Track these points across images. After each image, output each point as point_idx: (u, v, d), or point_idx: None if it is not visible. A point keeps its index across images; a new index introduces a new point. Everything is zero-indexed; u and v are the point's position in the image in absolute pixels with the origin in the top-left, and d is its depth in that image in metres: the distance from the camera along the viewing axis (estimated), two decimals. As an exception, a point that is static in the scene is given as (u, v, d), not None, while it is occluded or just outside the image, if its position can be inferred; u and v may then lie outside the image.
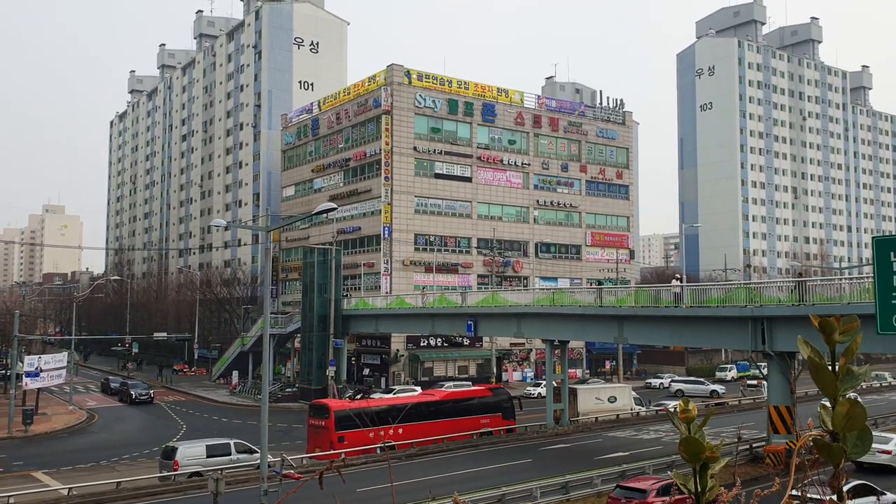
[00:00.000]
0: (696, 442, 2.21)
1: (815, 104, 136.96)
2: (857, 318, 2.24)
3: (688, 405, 2.30)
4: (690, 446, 2.21)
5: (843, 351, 2.12)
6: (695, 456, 2.20)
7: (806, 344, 2.18)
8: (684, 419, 2.27)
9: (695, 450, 2.20)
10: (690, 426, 2.26)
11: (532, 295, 51.64)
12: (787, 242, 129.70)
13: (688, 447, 2.22)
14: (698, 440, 2.21)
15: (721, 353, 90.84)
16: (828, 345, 2.13)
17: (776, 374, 35.30)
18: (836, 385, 2.07)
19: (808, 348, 2.14)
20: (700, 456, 2.20)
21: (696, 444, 2.20)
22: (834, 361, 2.10)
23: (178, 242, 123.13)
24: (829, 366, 2.11)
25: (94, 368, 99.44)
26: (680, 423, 2.29)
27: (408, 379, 71.97)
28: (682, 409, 2.30)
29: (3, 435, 49.34)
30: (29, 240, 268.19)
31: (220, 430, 49.68)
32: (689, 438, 2.22)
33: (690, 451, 2.21)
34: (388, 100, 76.99)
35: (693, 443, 2.21)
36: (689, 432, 2.25)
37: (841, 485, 2.16)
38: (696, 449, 2.20)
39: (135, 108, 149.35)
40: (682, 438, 2.25)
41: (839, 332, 2.11)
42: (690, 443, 2.21)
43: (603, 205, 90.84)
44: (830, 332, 2.11)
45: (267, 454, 23.37)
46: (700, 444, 2.21)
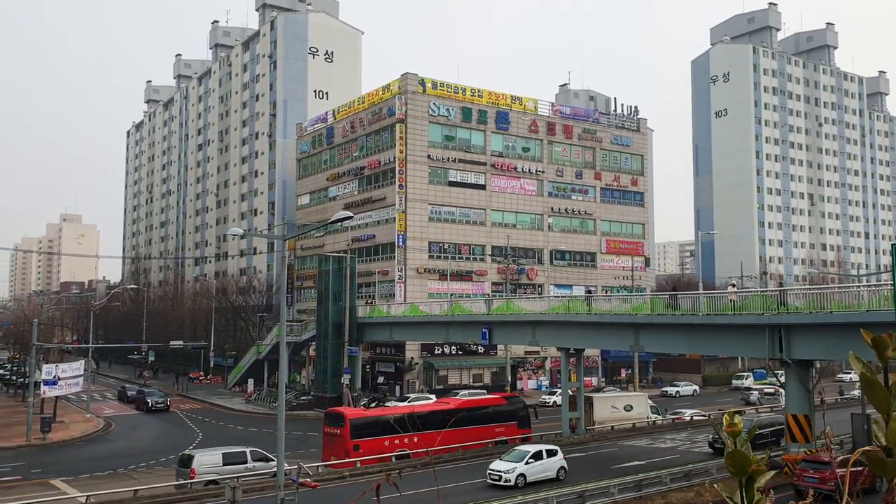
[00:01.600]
0: (742, 455, 2.22)
1: (831, 110, 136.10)
2: None
3: (734, 418, 2.31)
4: (737, 459, 2.22)
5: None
6: (741, 469, 2.21)
7: (858, 360, 2.17)
8: (731, 433, 2.28)
9: (742, 463, 2.21)
10: (737, 439, 2.26)
11: (547, 303, 51.50)
12: (804, 249, 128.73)
13: (735, 460, 2.23)
14: (745, 453, 2.22)
15: (738, 361, 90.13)
16: (880, 361, 2.12)
17: (794, 383, 34.98)
18: (890, 401, 2.06)
19: (861, 364, 2.13)
20: (746, 469, 2.21)
21: (743, 458, 2.21)
22: (887, 377, 2.09)
23: (194, 251, 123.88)
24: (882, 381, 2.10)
25: (110, 376, 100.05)
26: (727, 436, 2.29)
27: (422, 387, 71.93)
28: (728, 423, 2.30)
29: (22, 443, 49.71)
30: (47, 249, 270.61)
31: (236, 438, 49.82)
32: (735, 452, 2.24)
33: (737, 465, 2.22)
34: (403, 108, 77.22)
35: (740, 456, 2.22)
36: (736, 445, 2.26)
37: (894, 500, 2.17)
38: (743, 462, 2.21)
39: (151, 117, 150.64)
40: (728, 451, 2.26)
41: (893, 347, 2.10)
42: (737, 456, 2.22)
43: (618, 212, 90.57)
44: (884, 349, 2.09)
45: (283, 462, 23.41)
46: (747, 457, 2.21)
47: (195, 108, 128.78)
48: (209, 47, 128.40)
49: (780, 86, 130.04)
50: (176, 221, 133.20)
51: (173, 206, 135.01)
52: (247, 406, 69.64)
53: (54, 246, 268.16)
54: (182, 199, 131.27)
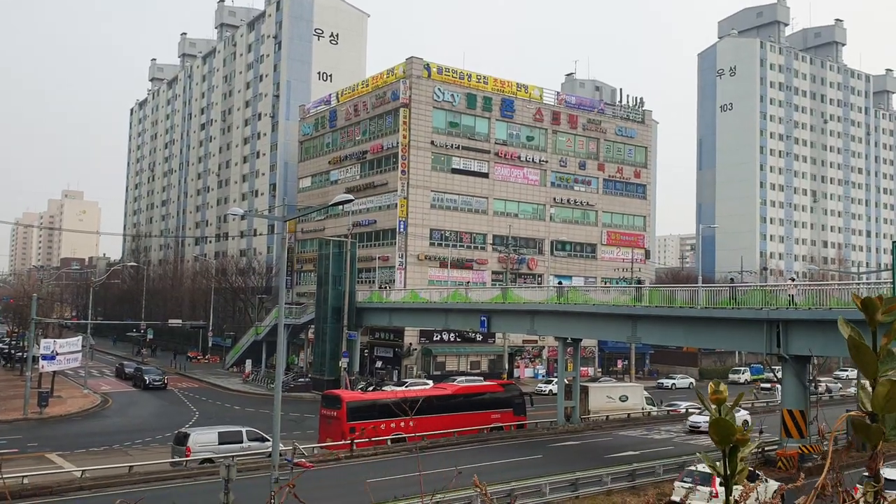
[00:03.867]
0: (726, 423, 2.20)
1: (836, 107, 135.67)
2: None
3: (719, 386, 2.28)
4: (721, 428, 2.20)
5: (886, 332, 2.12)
6: (725, 438, 2.20)
7: (846, 324, 2.15)
8: (715, 401, 2.25)
9: (725, 432, 2.20)
10: (721, 408, 2.24)
11: (546, 292, 51.55)
12: (805, 246, 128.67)
13: (718, 429, 2.21)
14: (729, 421, 2.21)
15: (735, 356, 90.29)
16: (870, 325, 2.11)
17: (790, 378, 35.05)
18: (877, 365, 2.06)
19: (849, 328, 2.11)
20: (730, 438, 2.20)
21: (727, 426, 2.20)
22: (875, 341, 2.08)
23: (195, 230, 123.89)
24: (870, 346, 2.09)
25: (109, 353, 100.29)
26: (710, 404, 2.26)
27: (420, 372, 72.12)
28: (713, 391, 2.26)
29: (19, 416, 49.89)
30: (48, 224, 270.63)
31: (233, 417, 50.00)
32: (719, 420, 2.21)
33: (721, 433, 2.21)
34: (407, 93, 76.92)
35: (724, 424, 2.20)
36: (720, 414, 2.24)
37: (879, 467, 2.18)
38: (727, 431, 2.20)
39: (155, 96, 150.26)
40: (712, 420, 2.23)
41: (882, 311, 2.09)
42: (721, 424, 2.20)
43: (620, 204, 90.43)
44: (873, 312, 2.09)
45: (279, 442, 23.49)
46: (731, 425, 2.20)
47: (199, 88, 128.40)
48: (214, 27, 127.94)
49: (787, 81, 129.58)
50: (177, 200, 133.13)
51: (175, 185, 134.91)
52: (244, 386, 69.85)
53: (55, 222, 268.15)
54: (184, 179, 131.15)
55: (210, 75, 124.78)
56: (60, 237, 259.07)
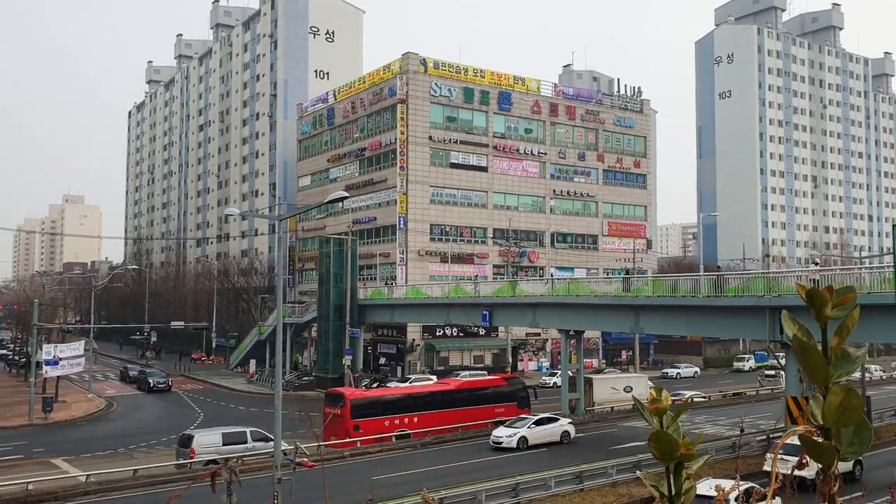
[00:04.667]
0: (667, 437, 1.86)
1: (835, 92, 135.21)
2: (854, 288, 1.86)
3: (660, 394, 1.97)
4: (662, 443, 1.86)
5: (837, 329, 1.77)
6: (667, 454, 1.86)
7: (792, 321, 1.81)
8: (655, 411, 1.93)
9: (667, 447, 1.86)
10: (663, 419, 1.93)
11: (544, 285, 51.45)
12: (807, 232, 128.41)
13: (659, 443, 1.87)
14: (671, 435, 1.87)
15: (739, 343, 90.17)
16: (818, 321, 1.77)
17: (794, 365, 34.93)
18: (828, 370, 1.74)
19: (795, 326, 1.78)
20: (674, 454, 1.87)
21: (669, 441, 1.86)
22: (826, 341, 1.75)
23: (196, 232, 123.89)
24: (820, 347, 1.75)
25: (112, 357, 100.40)
26: (650, 415, 1.94)
27: (423, 368, 72.06)
28: (652, 399, 1.96)
29: (24, 422, 49.92)
30: (49, 229, 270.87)
31: (237, 418, 50.00)
32: (659, 433, 1.88)
33: (662, 449, 1.87)
34: (404, 89, 76.74)
35: (664, 438, 1.86)
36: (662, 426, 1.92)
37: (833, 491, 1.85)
38: (669, 446, 1.86)
39: (152, 98, 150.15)
40: (652, 433, 1.90)
41: (832, 304, 1.75)
42: (662, 438, 1.87)
43: (620, 194, 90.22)
44: (821, 306, 1.76)
45: (281, 442, 23.45)
46: (673, 439, 1.86)
47: (196, 89, 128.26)
48: (210, 27, 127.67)
49: (785, 67, 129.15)
50: (177, 202, 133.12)
51: (175, 188, 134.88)
52: (249, 387, 69.86)
53: (57, 226, 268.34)
54: (183, 181, 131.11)
55: (207, 76, 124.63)
56: (62, 242, 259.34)
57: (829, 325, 1.84)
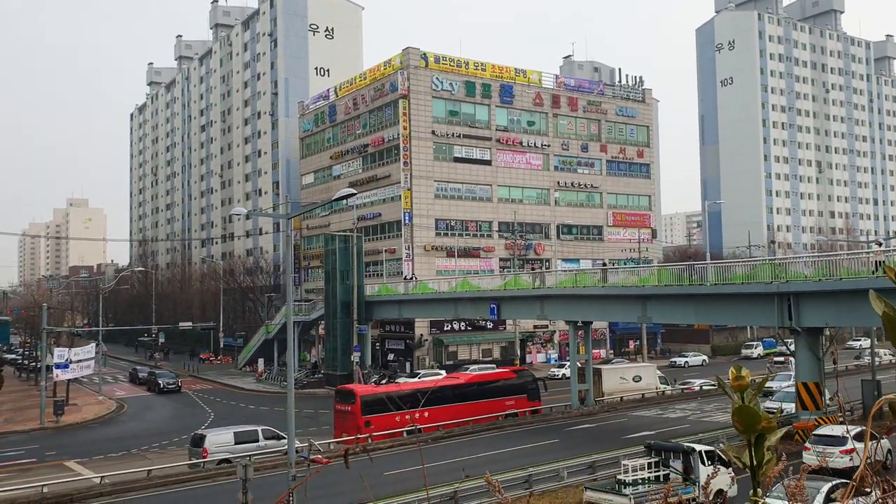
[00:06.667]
0: (751, 411, 2.01)
1: (838, 76, 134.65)
2: None
3: (740, 372, 2.10)
4: (745, 416, 2.01)
5: None
6: (750, 426, 2.01)
7: (880, 300, 1.95)
8: (737, 387, 2.07)
9: (750, 420, 2.01)
10: (744, 395, 2.06)
11: (554, 277, 51.43)
12: (812, 217, 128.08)
13: (742, 417, 2.02)
14: (754, 409, 2.02)
15: (746, 331, 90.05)
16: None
17: (804, 351, 34.90)
18: None
19: (882, 304, 1.92)
20: (755, 427, 2.02)
21: (752, 414, 2.01)
22: None
23: (201, 232, 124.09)
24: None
25: (122, 359, 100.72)
26: (732, 391, 2.08)
27: (432, 363, 72.17)
28: (734, 377, 2.09)
29: (36, 426, 50.17)
30: (54, 234, 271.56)
31: (248, 417, 50.15)
32: (743, 408, 2.03)
33: (745, 422, 2.01)
34: (405, 84, 76.66)
35: (748, 412, 2.01)
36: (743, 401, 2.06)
37: None
38: (752, 419, 2.00)
39: (154, 100, 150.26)
40: (735, 407, 2.05)
41: None
42: (745, 412, 2.01)
43: (624, 184, 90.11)
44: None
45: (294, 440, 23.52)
46: (756, 413, 2.01)
47: (197, 90, 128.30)
48: (209, 27, 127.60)
49: (787, 52, 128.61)
50: (181, 203, 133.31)
51: (178, 189, 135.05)
52: (258, 385, 70.06)
53: (62, 231, 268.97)
54: (187, 181, 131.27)
55: (207, 76, 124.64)
56: (68, 246, 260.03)
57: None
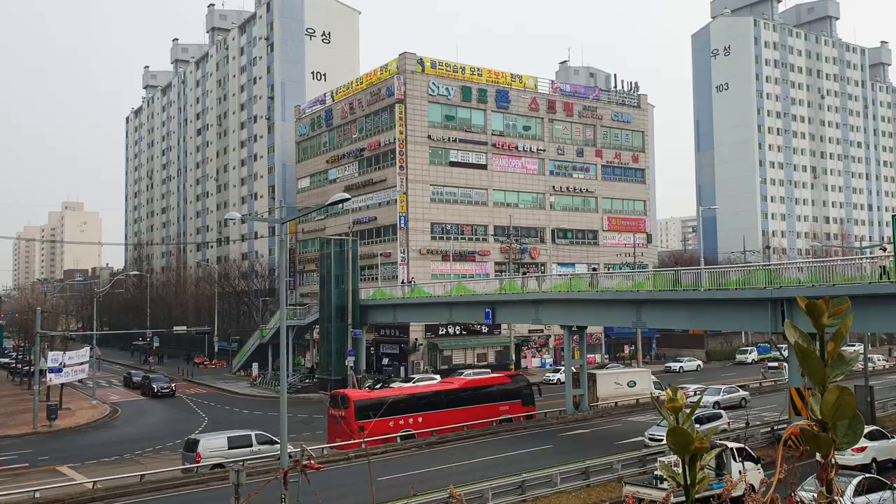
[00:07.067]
0: (684, 432, 2.08)
1: (833, 82, 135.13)
2: (848, 299, 2.10)
3: (676, 394, 2.15)
4: (678, 437, 2.09)
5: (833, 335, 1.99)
6: (683, 447, 2.08)
7: (794, 328, 2.04)
8: (671, 409, 2.13)
9: (683, 441, 2.08)
10: (678, 416, 2.13)
11: (549, 281, 51.46)
12: (807, 223, 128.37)
13: (676, 438, 2.09)
14: (687, 430, 2.09)
15: (741, 336, 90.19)
16: (816, 329, 1.99)
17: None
18: (825, 371, 1.95)
19: (796, 332, 2.00)
20: (688, 447, 2.08)
21: (685, 435, 2.08)
22: (822, 346, 1.97)
23: (196, 236, 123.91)
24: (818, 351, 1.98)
25: (116, 363, 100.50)
26: (668, 413, 2.14)
27: (427, 368, 72.09)
28: (669, 398, 2.15)
29: (29, 430, 49.98)
30: (49, 237, 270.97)
31: (242, 421, 50.03)
32: (676, 429, 2.09)
33: (679, 443, 2.09)
34: (401, 88, 76.75)
35: (681, 433, 2.08)
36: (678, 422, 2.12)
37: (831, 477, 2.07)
38: (685, 440, 2.08)
39: (150, 103, 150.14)
40: (669, 429, 2.12)
41: (828, 314, 1.98)
42: (678, 433, 2.09)
43: (619, 189, 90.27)
44: (818, 315, 1.98)
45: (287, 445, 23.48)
46: (689, 434, 2.08)
47: (193, 93, 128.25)
48: (206, 31, 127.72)
49: (782, 58, 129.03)
50: (177, 207, 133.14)
51: (174, 192, 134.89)
52: (252, 390, 69.92)
53: (57, 234, 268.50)
54: (182, 185, 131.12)
55: (204, 80, 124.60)
56: (62, 249, 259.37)
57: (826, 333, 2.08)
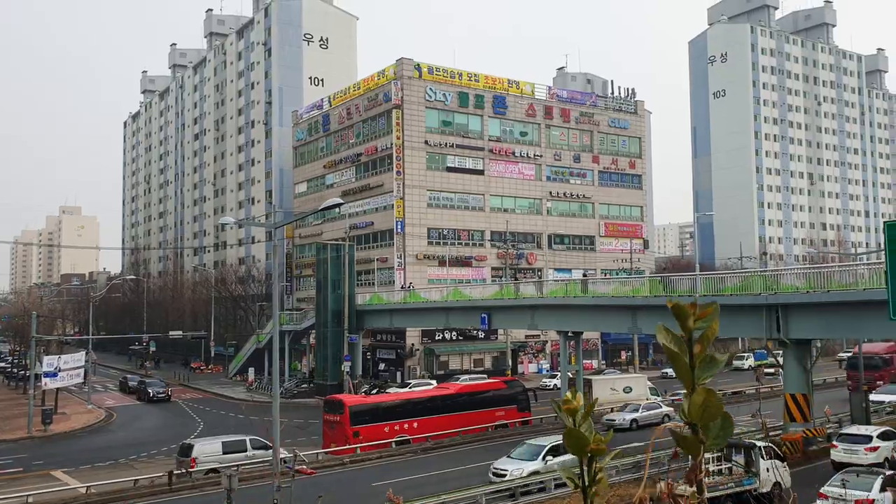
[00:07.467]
0: (580, 434, 2.08)
1: (830, 89, 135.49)
2: (716, 303, 2.12)
3: (574, 396, 2.14)
4: (574, 439, 2.10)
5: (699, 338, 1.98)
6: (579, 449, 2.08)
7: (664, 331, 2.02)
8: (568, 411, 2.13)
9: (579, 443, 2.07)
10: (575, 418, 2.12)
11: (545, 287, 51.49)
12: (804, 229, 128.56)
13: (571, 440, 2.10)
14: (582, 433, 2.08)
15: (739, 342, 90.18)
16: (683, 332, 1.99)
17: (792, 362, 34.98)
18: (693, 374, 1.95)
19: (667, 335, 1.99)
20: (584, 449, 2.08)
21: (581, 437, 2.07)
22: (691, 349, 1.96)
23: (193, 241, 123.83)
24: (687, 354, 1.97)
25: (112, 367, 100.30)
26: (565, 415, 2.13)
27: (423, 373, 72.04)
28: (565, 401, 2.15)
29: (23, 435, 49.84)
30: (46, 241, 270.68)
31: (237, 426, 49.90)
32: (572, 431, 2.09)
33: (574, 445, 2.09)
34: (399, 94, 76.86)
35: (576, 435, 2.08)
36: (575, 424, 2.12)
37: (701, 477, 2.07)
38: (581, 442, 2.07)
39: (147, 108, 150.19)
40: (565, 430, 2.13)
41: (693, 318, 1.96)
42: (574, 435, 2.10)
43: (616, 195, 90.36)
44: (685, 319, 1.96)
45: (279, 450, 23.45)
46: (583, 437, 2.07)
47: (191, 98, 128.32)
48: (204, 36, 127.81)
49: (779, 65, 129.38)
50: (174, 212, 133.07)
51: (171, 197, 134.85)
52: (248, 395, 69.78)
53: (54, 238, 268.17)
54: (180, 189, 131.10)
55: (201, 85, 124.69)
56: (60, 253, 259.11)
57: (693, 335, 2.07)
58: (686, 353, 1.95)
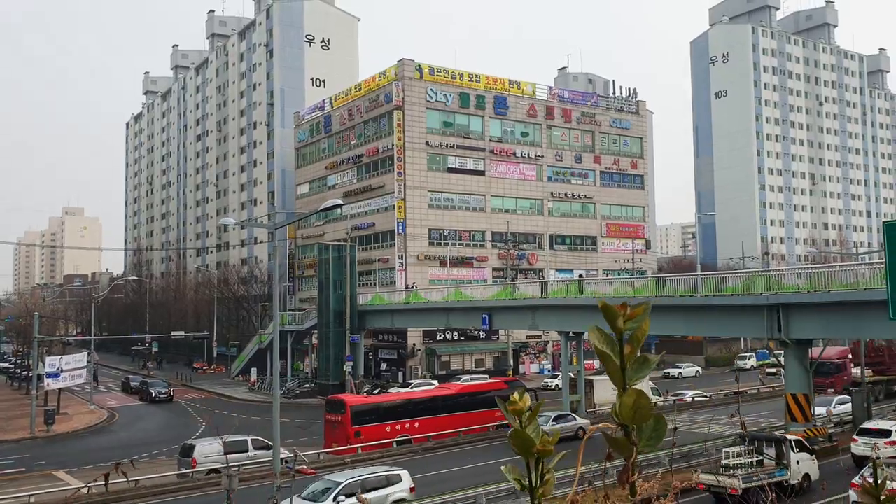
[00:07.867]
0: (524, 436, 2.03)
1: (831, 89, 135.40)
2: (648, 303, 2.13)
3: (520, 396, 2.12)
4: (519, 440, 2.03)
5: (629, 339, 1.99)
6: (525, 450, 2.04)
7: (597, 331, 2.03)
8: (514, 411, 2.08)
9: (525, 444, 2.03)
10: (521, 418, 2.08)
11: (546, 287, 51.51)
12: (806, 229, 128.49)
13: (517, 441, 2.04)
14: (527, 434, 2.04)
15: (741, 342, 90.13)
16: (613, 332, 2.00)
17: (793, 362, 34.96)
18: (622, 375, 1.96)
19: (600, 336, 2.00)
20: (531, 450, 2.05)
21: (526, 439, 2.03)
22: (622, 349, 1.97)
23: (196, 242, 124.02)
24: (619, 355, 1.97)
25: (114, 368, 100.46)
26: (510, 416, 2.09)
27: (425, 373, 72.09)
28: (511, 401, 2.12)
29: (26, 435, 49.95)
30: (49, 242, 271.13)
31: (239, 426, 49.92)
32: (518, 432, 2.03)
33: (520, 446, 2.04)
34: (400, 95, 76.94)
35: (522, 436, 2.03)
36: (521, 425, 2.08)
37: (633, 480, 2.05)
38: (527, 443, 2.03)
39: (150, 109, 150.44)
40: (511, 431, 2.07)
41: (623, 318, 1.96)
42: (519, 436, 2.04)
43: (618, 195, 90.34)
44: (614, 319, 1.96)
45: (279, 450, 23.52)
46: (529, 438, 2.03)
47: (193, 99, 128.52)
48: (206, 37, 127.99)
49: (780, 65, 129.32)
50: (177, 212, 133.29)
51: (174, 198, 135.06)
52: (250, 395, 69.88)
53: (57, 239, 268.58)
54: (182, 190, 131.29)
55: (203, 86, 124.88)
56: (63, 254, 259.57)
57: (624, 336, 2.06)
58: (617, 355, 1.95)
